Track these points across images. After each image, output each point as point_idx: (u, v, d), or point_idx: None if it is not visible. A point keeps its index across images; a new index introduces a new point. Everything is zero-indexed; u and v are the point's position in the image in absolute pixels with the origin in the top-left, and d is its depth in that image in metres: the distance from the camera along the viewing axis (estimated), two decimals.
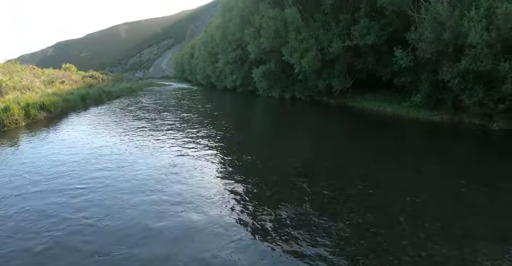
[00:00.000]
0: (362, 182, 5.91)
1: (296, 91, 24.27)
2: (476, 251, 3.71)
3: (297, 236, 4.04)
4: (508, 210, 4.83)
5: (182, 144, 8.95)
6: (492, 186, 5.84)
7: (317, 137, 11.14)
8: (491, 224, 4.36)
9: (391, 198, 5.22)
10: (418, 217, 4.54)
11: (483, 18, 11.77)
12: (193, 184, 5.78)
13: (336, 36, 19.65)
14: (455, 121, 14.48)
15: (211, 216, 4.53)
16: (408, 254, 3.66)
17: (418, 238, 4.01)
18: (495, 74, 11.60)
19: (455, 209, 4.85)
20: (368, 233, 4.13)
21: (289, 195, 5.39)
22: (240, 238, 3.96)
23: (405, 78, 17.09)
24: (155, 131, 11.00)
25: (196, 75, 48.06)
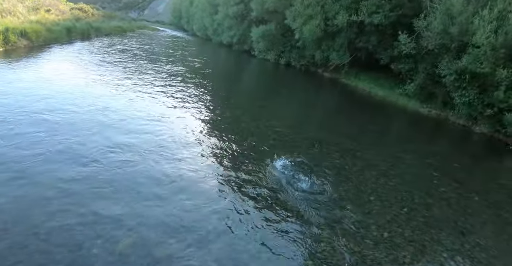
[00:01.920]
0: (340, 157, 5.97)
1: (292, 58, 23.61)
2: (434, 240, 3.88)
3: (260, 203, 4.05)
4: (472, 208, 5.04)
5: (160, 94, 8.38)
6: (463, 183, 6.06)
7: (305, 107, 11.09)
8: (454, 218, 4.55)
9: (365, 177, 5.31)
10: (387, 199, 4.66)
11: (495, 19, 11.50)
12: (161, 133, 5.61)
13: (344, 9, 18.80)
14: (441, 117, 14.71)
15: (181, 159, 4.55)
16: (371, 233, 3.77)
17: (383, 219, 4.13)
18: (491, 79, 11.63)
19: (423, 197, 5.01)
20: (336, 206, 4.20)
21: (263, 158, 5.34)
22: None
23: (403, 66, 16.90)
24: (139, 79, 9.97)
25: (193, 25, 45.44)
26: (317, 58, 21.38)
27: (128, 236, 2.97)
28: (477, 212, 4.92)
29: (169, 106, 7.40)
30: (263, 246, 3.23)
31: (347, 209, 4.18)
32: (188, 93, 9.09)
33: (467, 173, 6.81)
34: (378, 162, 6.14)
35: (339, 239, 3.54)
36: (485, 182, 6.55)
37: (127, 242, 2.90)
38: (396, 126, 10.74)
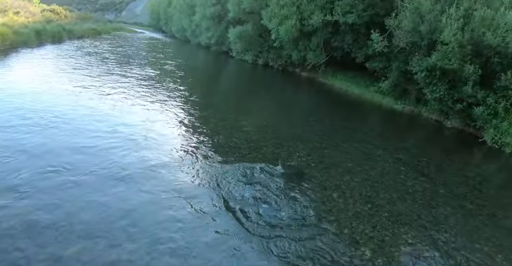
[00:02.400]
0: (307, 155, 5.88)
1: (269, 58, 23.62)
2: (396, 235, 3.83)
3: (231, 203, 3.91)
4: (437, 201, 5.05)
5: (125, 99, 7.79)
6: (430, 177, 6.10)
7: (280, 107, 10.96)
8: (417, 212, 4.54)
9: (331, 174, 5.24)
10: (351, 195, 4.59)
11: (461, 17, 11.82)
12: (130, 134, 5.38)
13: (319, 9, 18.96)
14: (415, 113, 15.03)
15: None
16: (331, 230, 3.68)
17: (345, 215, 4.05)
18: (460, 75, 11.94)
19: (389, 193, 4.98)
20: (299, 204, 4.09)
21: (230, 157, 5.19)
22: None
23: (377, 64, 17.20)
24: (105, 84, 9.12)
25: (171, 27, 44.89)
26: (294, 58, 21.46)
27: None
28: (441, 205, 4.93)
29: (132, 111, 6.89)
30: (221, 252, 3.08)
31: (308, 207, 4.08)
32: (157, 97, 8.53)
33: (435, 166, 6.87)
34: (346, 159, 6.09)
35: (297, 238, 3.43)
36: (452, 175, 6.62)
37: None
38: (369, 123, 10.81)
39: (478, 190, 6.09)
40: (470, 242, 4.07)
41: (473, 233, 4.31)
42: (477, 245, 4.03)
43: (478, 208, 5.21)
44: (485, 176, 7.25)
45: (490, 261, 3.76)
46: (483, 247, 4.04)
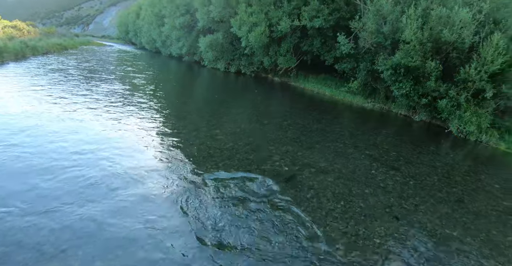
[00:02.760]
0: (281, 159, 5.93)
1: (241, 65, 23.78)
2: (368, 228, 3.92)
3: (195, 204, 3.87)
4: (407, 192, 5.23)
5: (99, 113, 7.71)
6: (400, 170, 6.31)
7: (253, 113, 10.99)
8: (389, 204, 4.67)
9: (304, 175, 5.31)
10: (324, 195, 4.66)
11: (420, 17, 12.46)
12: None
13: (286, 15, 19.42)
14: (385, 110, 15.58)
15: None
16: (306, 230, 3.72)
17: (320, 214, 4.11)
18: (423, 71, 12.53)
19: (361, 188, 5.10)
20: (273, 207, 4.11)
21: (202, 167, 5.16)
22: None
23: (346, 65, 17.76)
24: (67, 102, 8.41)
25: (141, 39, 44.21)
26: (266, 64, 21.74)
27: None
28: (411, 196, 5.11)
29: (97, 128, 6.48)
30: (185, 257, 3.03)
31: (282, 209, 4.11)
32: (125, 112, 8.01)
33: (405, 159, 7.12)
34: (319, 160, 6.18)
35: (273, 239, 3.44)
36: (421, 166, 6.87)
37: None
38: (341, 123, 11.03)
39: (446, 178, 6.37)
40: (441, 228, 4.24)
41: (443, 219, 4.49)
42: (447, 230, 4.20)
43: (447, 195, 5.44)
44: (452, 164, 7.58)
45: (459, 244, 3.93)
46: (452, 231, 4.22)
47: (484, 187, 6.39)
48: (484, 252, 3.88)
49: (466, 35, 11.27)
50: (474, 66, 11.03)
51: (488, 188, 6.38)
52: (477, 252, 3.84)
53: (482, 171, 7.65)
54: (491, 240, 4.21)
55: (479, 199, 5.64)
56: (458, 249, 3.82)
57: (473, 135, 11.69)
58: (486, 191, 6.17)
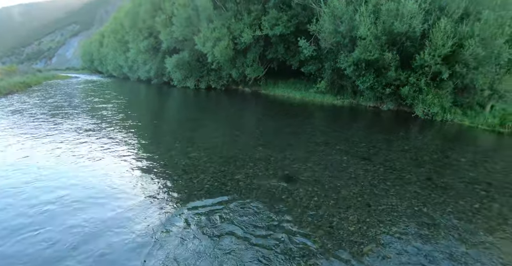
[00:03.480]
0: (254, 166, 6.03)
1: (211, 81, 24.01)
2: (342, 218, 4.07)
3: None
4: (377, 179, 5.45)
5: (65, 151, 7.03)
6: (370, 159, 6.55)
7: (225, 125, 11.06)
8: (360, 193, 4.86)
9: (278, 178, 5.43)
10: (298, 194, 4.78)
11: (371, 13, 13.11)
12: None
13: (248, 26, 19.90)
14: (354, 104, 16.12)
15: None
16: (280, 229, 3.82)
17: (295, 212, 4.23)
18: (382, 62, 13.12)
19: (333, 183, 5.24)
20: (247, 213, 4.20)
21: (179, 188, 5.20)
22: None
23: (311, 67, 18.31)
24: (39, 140, 7.92)
25: (107, 66, 43.87)
26: (235, 76, 22.06)
27: None
28: (382, 181, 5.32)
29: (63, 167, 5.91)
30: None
31: (258, 212, 4.21)
32: (94, 145, 7.39)
33: (374, 148, 7.39)
34: (291, 162, 6.30)
35: (250, 241, 3.53)
36: (391, 152, 7.15)
37: None
38: (312, 123, 11.23)
39: (415, 160, 6.67)
40: (410, 207, 4.44)
41: (412, 199, 4.71)
42: (415, 208, 4.41)
43: (415, 175, 5.69)
44: (420, 146, 7.93)
45: (429, 219, 4.13)
46: (422, 208, 4.43)
47: (451, 162, 6.74)
48: (453, 222, 4.09)
49: (415, 25, 11.94)
50: (427, 52, 11.67)
51: (455, 163, 6.73)
52: (447, 223, 4.05)
53: (448, 148, 8.05)
54: (459, 210, 4.45)
55: (446, 174, 5.94)
56: (427, 224, 4.01)
57: (438, 115, 12.29)
58: (453, 166, 6.50)
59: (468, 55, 11.10)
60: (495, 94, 12.49)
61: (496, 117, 11.64)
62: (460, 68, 11.44)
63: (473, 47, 10.94)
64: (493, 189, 5.38)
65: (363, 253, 3.38)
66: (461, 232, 3.88)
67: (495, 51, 10.85)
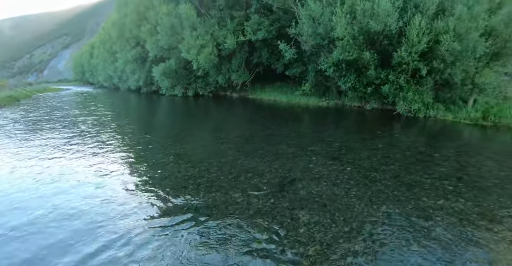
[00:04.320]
0: (218, 170, 5.90)
1: (198, 88, 23.97)
2: (294, 219, 3.92)
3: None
4: (340, 179, 5.30)
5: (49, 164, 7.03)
6: (339, 159, 6.42)
7: (212, 133, 10.65)
8: (320, 193, 4.70)
9: (239, 180, 5.29)
10: (255, 196, 4.65)
11: (348, 13, 13.13)
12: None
13: (231, 32, 19.94)
14: (339, 105, 16.05)
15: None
16: (230, 230, 3.68)
17: (247, 214, 4.08)
18: (362, 62, 13.10)
19: (294, 185, 5.06)
20: (220, 206, 4.06)
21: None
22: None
23: (295, 70, 18.31)
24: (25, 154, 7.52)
25: (98, 77, 43.88)
26: (221, 82, 22.04)
27: None
28: (345, 181, 5.16)
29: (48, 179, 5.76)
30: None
31: (212, 214, 4.06)
32: (77, 161, 6.80)
33: (347, 148, 7.25)
34: (256, 164, 6.14)
35: (208, 244, 3.38)
36: (363, 151, 7.00)
37: None
38: (290, 126, 11.02)
39: (386, 157, 6.55)
40: (369, 206, 4.28)
41: (372, 197, 4.55)
42: (374, 207, 4.26)
43: (383, 173, 5.55)
44: (395, 143, 7.80)
45: (385, 218, 3.98)
46: (380, 206, 4.27)
47: (424, 158, 6.61)
48: (410, 220, 3.95)
49: (391, 23, 11.94)
50: (404, 49, 11.66)
51: (428, 159, 6.61)
52: (403, 222, 3.91)
53: (424, 144, 7.96)
54: (420, 208, 4.30)
55: (416, 170, 5.81)
56: (382, 223, 3.87)
57: (421, 111, 12.24)
58: (425, 162, 6.38)
59: (444, 50, 11.09)
60: (475, 88, 12.44)
61: (479, 111, 11.63)
62: (437, 63, 11.42)
63: (449, 42, 10.94)
64: (462, 184, 5.26)
65: (309, 255, 3.23)
66: (416, 230, 3.73)
67: (470, 45, 10.84)
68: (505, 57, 12.49)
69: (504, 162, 6.70)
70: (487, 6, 11.41)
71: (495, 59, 12.40)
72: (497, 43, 11.73)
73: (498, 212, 4.29)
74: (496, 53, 12.09)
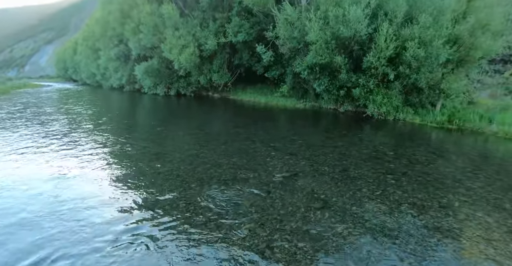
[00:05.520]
0: (179, 161, 6.19)
1: (180, 87, 24.09)
2: (235, 210, 4.26)
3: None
4: (292, 171, 5.68)
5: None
6: (296, 154, 6.79)
7: (191, 133, 10.53)
8: (267, 183, 5.08)
9: (197, 170, 5.59)
10: (217, 182, 4.98)
11: (321, 19, 13.63)
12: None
13: (213, 33, 20.25)
14: (316, 107, 16.52)
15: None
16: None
17: (186, 213, 4.39)
18: (334, 66, 13.62)
19: (246, 174, 5.39)
20: (175, 191, 4.34)
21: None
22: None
23: (274, 72, 18.74)
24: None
25: (81, 74, 43.32)
26: (203, 82, 22.27)
27: None
28: (295, 173, 5.56)
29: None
30: None
31: (167, 200, 4.36)
32: (50, 163, 6.30)
33: (307, 146, 7.58)
34: (217, 157, 6.46)
35: (157, 244, 3.67)
36: (322, 148, 7.34)
37: None
38: (262, 125, 11.27)
39: (342, 154, 6.95)
40: (309, 194, 4.64)
41: (315, 187, 4.90)
42: (314, 195, 4.61)
43: (333, 167, 5.93)
44: (355, 142, 8.24)
45: (321, 204, 4.34)
46: (320, 195, 4.64)
47: (377, 156, 7.05)
48: (345, 207, 4.32)
49: (360, 29, 12.50)
50: (372, 55, 12.22)
51: (380, 156, 7.05)
52: (338, 208, 4.28)
53: (383, 143, 8.43)
54: (357, 197, 4.69)
55: (365, 165, 6.22)
56: (317, 208, 4.21)
57: (390, 114, 12.83)
58: (377, 158, 6.81)
59: (409, 56, 11.69)
60: (441, 94, 13.12)
61: (445, 115, 12.26)
62: (403, 69, 12.02)
63: (414, 49, 11.55)
64: (404, 178, 5.69)
65: (243, 230, 3.56)
66: (347, 215, 4.10)
67: (434, 52, 11.48)
68: (469, 64, 13.28)
69: (454, 161, 7.23)
70: (450, 16, 12.10)
71: (460, 66, 13.15)
72: (461, 51, 12.44)
73: (429, 203, 4.70)
74: (461, 60, 12.82)
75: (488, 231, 3.87)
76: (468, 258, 3.36)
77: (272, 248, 3.33)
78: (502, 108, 13.08)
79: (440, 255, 3.37)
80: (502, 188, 5.44)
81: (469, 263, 3.27)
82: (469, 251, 3.49)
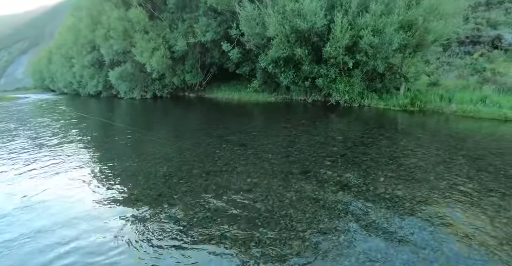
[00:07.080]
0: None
1: (156, 90, 24.23)
2: (178, 187, 4.65)
3: None
4: (236, 159, 6.07)
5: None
6: (246, 145, 7.17)
7: (167, 134, 10.69)
8: (206, 171, 5.45)
9: (156, 164, 5.94)
10: (168, 173, 5.34)
11: (279, 14, 13.98)
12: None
13: (182, 34, 20.42)
14: (287, 100, 16.94)
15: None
16: (131, 211, 4.32)
17: (149, 196, 4.76)
18: (296, 58, 14.02)
19: (190, 164, 5.80)
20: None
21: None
22: None
23: (245, 68, 19.09)
24: None
25: (58, 83, 42.68)
26: (177, 83, 22.49)
27: None
28: (237, 161, 5.92)
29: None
30: None
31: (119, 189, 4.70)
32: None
33: (260, 137, 7.95)
34: (170, 152, 6.80)
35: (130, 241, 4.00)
36: (273, 138, 7.75)
37: None
38: (226, 120, 11.61)
39: (291, 142, 7.36)
40: (243, 177, 5.06)
41: (252, 172, 5.31)
42: (248, 179, 5.02)
43: (276, 155, 6.32)
44: (308, 130, 8.64)
45: (250, 186, 4.76)
46: (252, 179, 5.04)
47: (325, 141, 7.44)
48: (272, 188, 4.72)
49: (317, 21, 12.91)
50: (330, 45, 12.67)
51: (329, 141, 7.45)
52: (264, 188, 4.69)
53: (336, 129, 8.84)
54: (288, 178, 5.09)
55: (308, 151, 6.61)
56: (247, 190, 4.62)
57: (355, 101, 13.33)
58: (323, 144, 7.21)
59: (364, 44, 12.17)
60: (401, 78, 13.68)
61: (407, 98, 12.78)
62: (360, 57, 12.50)
63: (368, 37, 12.02)
64: (341, 160, 6.08)
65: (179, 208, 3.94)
66: (272, 193, 4.52)
67: (387, 38, 11.95)
68: (424, 49, 13.82)
69: (399, 140, 7.60)
70: (402, 3, 12.55)
71: (416, 50, 13.69)
72: (416, 36, 12.93)
73: (354, 181, 5.06)
74: (417, 44, 13.34)
75: (397, 204, 4.26)
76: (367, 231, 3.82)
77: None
78: (463, 88, 13.71)
79: (347, 225, 3.82)
80: (436, 162, 5.76)
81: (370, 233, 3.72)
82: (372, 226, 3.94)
